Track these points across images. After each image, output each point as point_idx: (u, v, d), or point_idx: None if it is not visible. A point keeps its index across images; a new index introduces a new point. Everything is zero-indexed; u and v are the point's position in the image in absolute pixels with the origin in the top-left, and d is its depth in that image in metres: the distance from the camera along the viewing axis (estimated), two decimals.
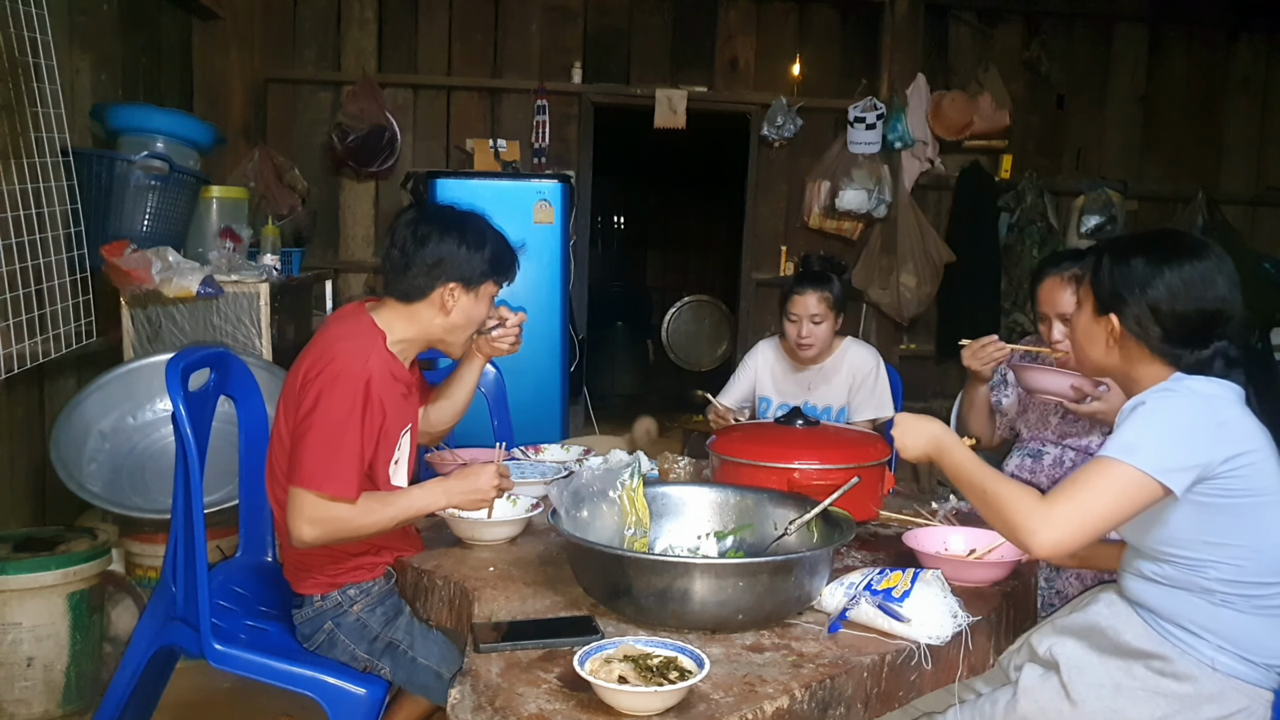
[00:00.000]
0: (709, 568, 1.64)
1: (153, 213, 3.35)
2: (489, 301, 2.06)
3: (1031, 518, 1.48)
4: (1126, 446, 1.47)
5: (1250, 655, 1.52)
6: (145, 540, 3.13)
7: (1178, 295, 1.55)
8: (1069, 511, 1.46)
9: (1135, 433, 1.49)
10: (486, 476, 1.97)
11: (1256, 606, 1.52)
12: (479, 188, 4.70)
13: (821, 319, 2.93)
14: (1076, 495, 1.47)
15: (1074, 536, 1.46)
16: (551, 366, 4.74)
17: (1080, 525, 1.46)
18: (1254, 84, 5.91)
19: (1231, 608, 1.52)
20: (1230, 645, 1.52)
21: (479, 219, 2.04)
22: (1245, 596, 1.52)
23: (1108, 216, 5.48)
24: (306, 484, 1.81)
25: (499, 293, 2.08)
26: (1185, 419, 1.49)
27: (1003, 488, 1.54)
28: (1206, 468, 1.47)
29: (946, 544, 2.03)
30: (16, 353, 2.76)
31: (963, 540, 2.04)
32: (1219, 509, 1.49)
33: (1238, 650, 1.52)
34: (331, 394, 1.84)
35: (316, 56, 5.38)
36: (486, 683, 1.46)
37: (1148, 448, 1.46)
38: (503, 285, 2.07)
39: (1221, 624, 1.52)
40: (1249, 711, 1.51)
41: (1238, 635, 1.52)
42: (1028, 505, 1.50)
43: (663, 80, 5.53)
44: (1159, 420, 1.50)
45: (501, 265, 2.04)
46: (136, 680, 2.14)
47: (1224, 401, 1.52)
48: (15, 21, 2.75)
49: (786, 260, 5.66)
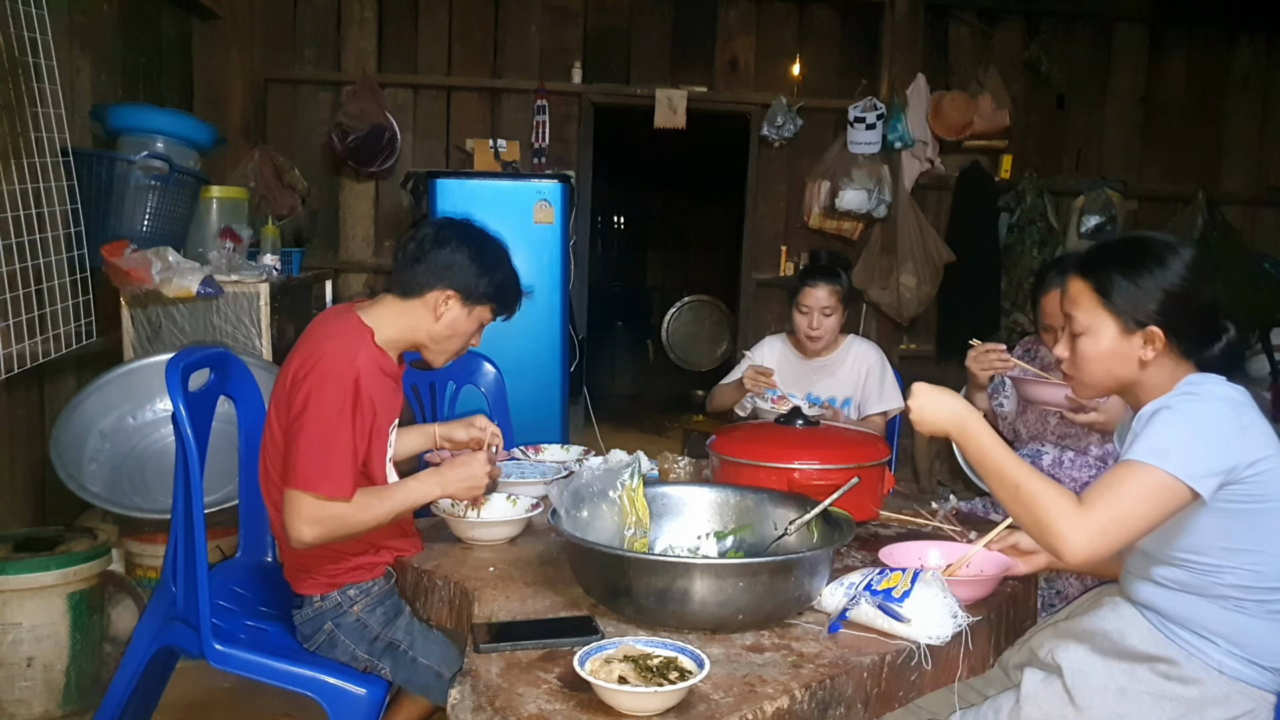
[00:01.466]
0: (709, 568, 1.64)
1: (153, 213, 3.35)
2: (479, 325, 2.07)
3: (1069, 523, 1.41)
4: (1157, 451, 1.43)
5: (1258, 659, 1.52)
6: (145, 540, 3.13)
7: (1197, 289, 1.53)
8: (1104, 518, 1.40)
9: (1164, 437, 1.45)
10: (479, 464, 2.00)
11: (1269, 611, 1.52)
12: (479, 188, 4.69)
13: (831, 311, 3.01)
14: (1110, 501, 1.42)
15: (1109, 544, 1.41)
16: (551, 366, 4.73)
17: (1116, 533, 1.41)
18: (1254, 84, 5.91)
19: (1244, 613, 1.51)
20: (1239, 649, 1.51)
21: (502, 248, 2.07)
22: (1259, 601, 1.51)
23: (1108, 216, 5.48)
24: (301, 485, 1.82)
25: (491, 321, 2.09)
26: (1211, 423, 1.47)
27: (1037, 485, 1.46)
28: (1232, 472, 1.45)
29: (923, 559, 1.93)
30: (16, 353, 2.75)
31: (939, 555, 1.95)
32: (1238, 514, 1.48)
33: (1246, 654, 1.51)
34: (321, 394, 1.84)
35: (316, 56, 5.38)
36: (486, 683, 1.46)
37: (1178, 452, 1.43)
38: (499, 317, 2.10)
39: (1232, 628, 1.52)
40: (1254, 714, 1.51)
41: (1247, 639, 1.51)
42: (1065, 509, 1.42)
43: (663, 80, 5.53)
44: (1186, 424, 1.46)
45: (504, 296, 2.06)
46: (136, 680, 2.14)
47: (1243, 405, 1.50)
48: (15, 21, 2.75)
49: (786, 260, 5.66)
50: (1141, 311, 1.54)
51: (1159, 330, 1.53)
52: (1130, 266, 1.55)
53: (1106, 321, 1.57)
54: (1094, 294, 1.58)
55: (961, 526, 2.25)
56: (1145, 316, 1.54)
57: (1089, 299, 1.59)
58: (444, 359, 2.10)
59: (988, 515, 2.51)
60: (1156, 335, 1.54)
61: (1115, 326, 1.56)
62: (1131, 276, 1.55)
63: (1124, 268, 1.56)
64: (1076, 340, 1.61)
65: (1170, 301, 1.53)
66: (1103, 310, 1.57)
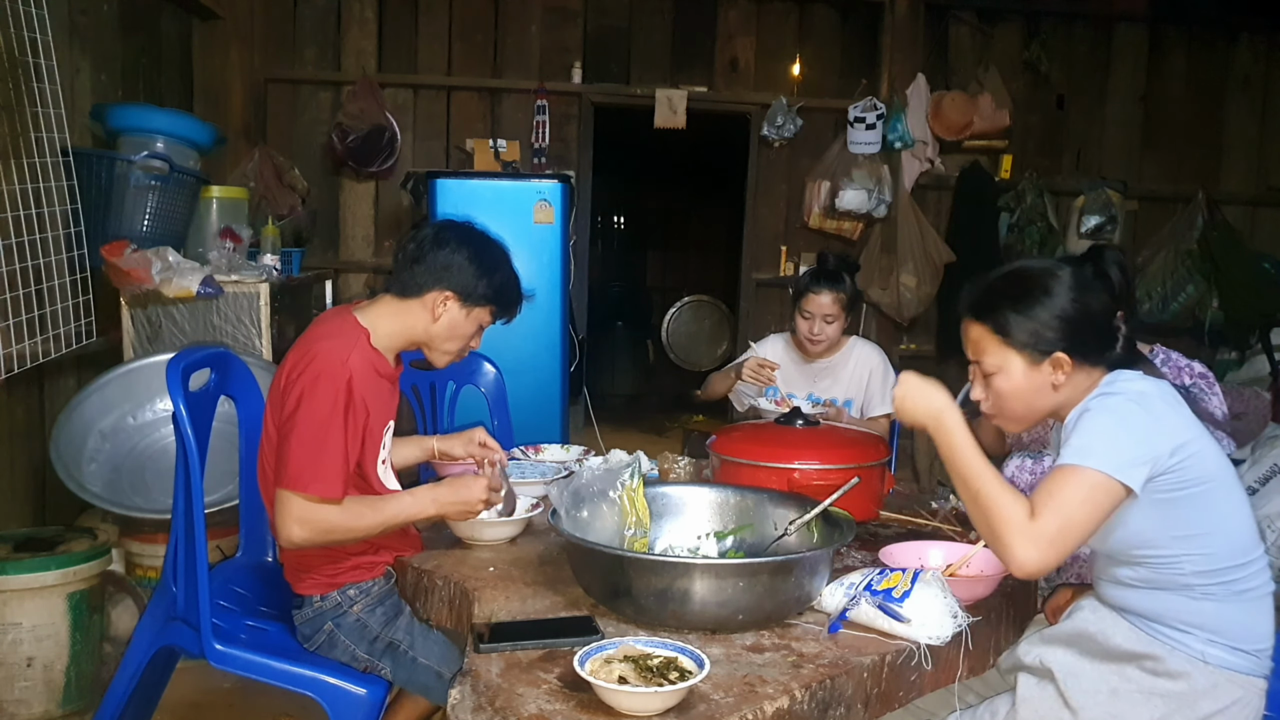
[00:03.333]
0: (709, 568, 1.64)
1: (153, 213, 3.35)
2: (478, 326, 2.07)
3: (1020, 535, 1.44)
4: (1080, 450, 1.47)
5: (1238, 644, 1.53)
6: (145, 540, 3.13)
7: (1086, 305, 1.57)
8: (1050, 527, 1.43)
9: (1085, 438, 1.49)
10: (477, 489, 1.97)
11: (1234, 592, 1.53)
12: (479, 188, 4.68)
13: (834, 319, 3.00)
14: (1052, 508, 1.44)
15: (1058, 554, 1.44)
16: (551, 366, 4.73)
17: (1064, 541, 1.44)
18: (1254, 84, 5.91)
19: (1212, 599, 1.53)
20: (1218, 636, 1.53)
21: (503, 251, 2.07)
22: (1222, 584, 1.53)
23: (1108, 216, 5.48)
24: (292, 485, 1.82)
25: (491, 324, 2.09)
26: (1125, 417, 1.50)
27: (996, 491, 1.49)
28: (1156, 461, 1.48)
29: (923, 559, 1.94)
30: (16, 353, 2.75)
31: (939, 555, 1.96)
32: (1177, 502, 1.50)
33: (1225, 640, 1.53)
34: (313, 394, 1.84)
35: (316, 56, 5.38)
36: (486, 683, 1.46)
37: (1102, 448, 1.46)
38: (498, 320, 2.09)
39: (1205, 616, 1.53)
40: (1244, 702, 1.52)
41: (1222, 625, 1.53)
42: (1017, 520, 1.45)
43: (663, 80, 5.53)
44: (1104, 422, 1.50)
45: (504, 298, 2.06)
46: (136, 680, 2.13)
47: (1153, 396, 1.54)
48: (15, 21, 2.75)
49: (786, 260, 5.66)
50: (1043, 342, 1.57)
51: (1063, 354, 1.57)
52: (1020, 301, 1.58)
53: (1013, 358, 1.60)
54: (993, 335, 1.61)
55: (961, 526, 2.26)
56: (1048, 345, 1.57)
57: (990, 340, 1.61)
58: (445, 360, 2.09)
59: None
60: (1062, 360, 1.57)
61: (1022, 362, 1.59)
62: (1024, 311, 1.58)
63: (1014, 304, 1.59)
64: (990, 380, 1.63)
65: (1067, 326, 1.57)
66: (1007, 349, 1.60)
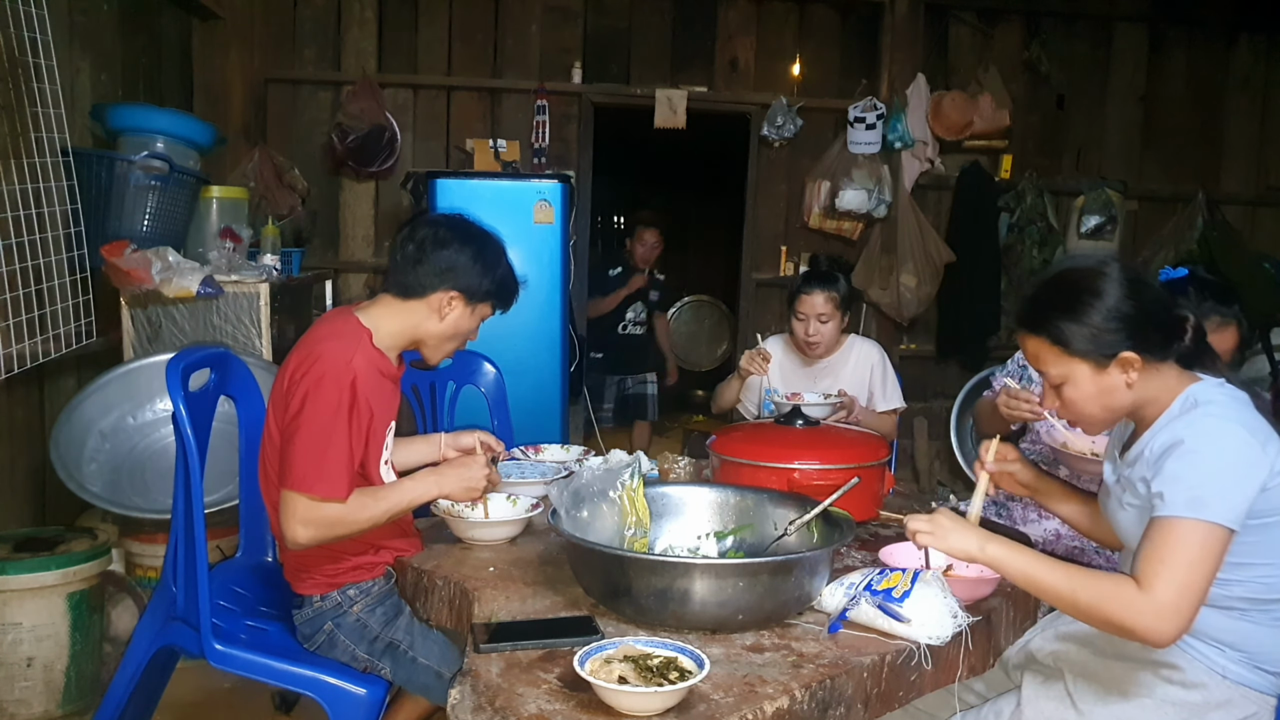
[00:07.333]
0: (709, 568, 1.64)
1: (153, 213, 3.35)
2: (479, 321, 2.09)
3: (1142, 614, 1.38)
4: (1194, 502, 1.40)
5: (1262, 664, 1.52)
6: (145, 540, 3.13)
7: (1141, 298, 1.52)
8: (1171, 594, 1.37)
9: (1194, 482, 1.41)
10: (477, 466, 2.01)
11: (1275, 619, 1.51)
12: (479, 188, 4.68)
13: (828, 318, 3.00)
14: (1170, 576, 1.38)
15: (1186, 619, 1.39)
16: (551, 366, 4.72)
17: (1189, 605, 1.38)
18: (1254, 84, 5.90)
19: (1250, 621, 1.51)
20: (1243, 655, 1.52)
21: (498, 243, 2.09)
22: (1266, 611, 1.51)
23: (1108, 216, 5.48)
24: (297, 486, 1.82)
25: (490, 316, 2.11)
26: (1234, 453, 1.43)
27: (1093, 585, 1.43)
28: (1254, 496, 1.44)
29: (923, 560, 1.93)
30: (16, 353, 2.75)
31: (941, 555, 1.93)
32: (1253, 529, 1.46)
33: (1250, 659, 1.52)
34: (318, 395, 1.84)
35: (316, 56, 5.38)
36: (486, 683, 1.46)
37: (1216, 498, 1.40)
38: (498, 312, 2.11)
39: (1236, 635, 1.51)
40: (1256, 718, 1.51)
41: (1251, 645, 1.52)
42: (1131, 602, 1.39)
43: (663, 80, 5.53)
44: (1213, 462, 1.43)
45: (504, 292, 2.08)
46: (136, 680, 2.14)
47: (1256, 422, 1.48)
48: (15, 21, 2.75)
49: (786, 260, 5.66)
50: (1104, 345, 1.52)
51: (1130, 354, 1.51)
52: (1071, 308, 1.53)
53: (1078, 366, 1.54)
54: (1051, 346, 1.55)
55: None
56: (1110, 348, 1.52)
57: (1049, 352, 1.56)
58: (441, 356, 2.10)
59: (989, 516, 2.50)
60: (1130, 359, 1.51)
61: (1087, 368, 1.54)
62: (1077, 318, 1.52)
63: (1065, 312, 1.53)
64: (1060, 391, 1.59)
65: (1125, 324, 1.51)
66: (1068, 359, 1.55)
